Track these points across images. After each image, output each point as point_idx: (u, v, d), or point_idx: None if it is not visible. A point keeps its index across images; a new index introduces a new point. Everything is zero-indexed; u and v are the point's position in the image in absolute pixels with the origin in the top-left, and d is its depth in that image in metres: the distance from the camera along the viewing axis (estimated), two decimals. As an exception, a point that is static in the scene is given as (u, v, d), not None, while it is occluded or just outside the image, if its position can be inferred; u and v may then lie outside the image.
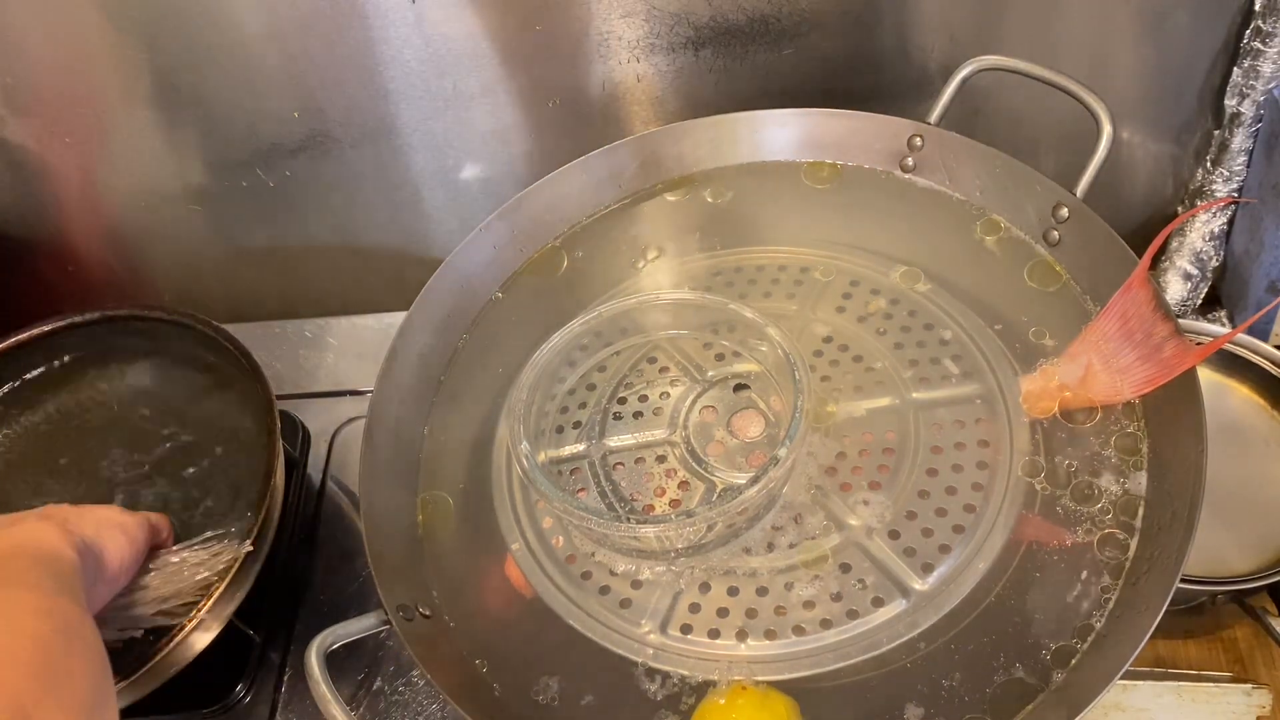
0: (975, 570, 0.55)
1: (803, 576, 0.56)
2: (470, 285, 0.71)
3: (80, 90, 0.78)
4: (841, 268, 0.68)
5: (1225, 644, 0.68)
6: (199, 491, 0.69)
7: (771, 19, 0.74)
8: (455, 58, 0.76)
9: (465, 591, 0.60)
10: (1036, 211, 0.66)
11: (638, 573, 0.58)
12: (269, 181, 0.84)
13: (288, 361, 0.88)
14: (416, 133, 0.81)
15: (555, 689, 0.55)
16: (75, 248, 0.89)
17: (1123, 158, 0.81)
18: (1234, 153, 0.77)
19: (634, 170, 0.75)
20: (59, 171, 0.83)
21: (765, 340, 0.59)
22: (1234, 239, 0.81)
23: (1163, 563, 0.52)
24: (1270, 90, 0.73)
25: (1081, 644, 0.52)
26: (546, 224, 0.74)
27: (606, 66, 0.77)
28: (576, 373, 0.64)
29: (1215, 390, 0.71)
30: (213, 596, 0.60)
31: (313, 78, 0.77)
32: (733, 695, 0.52)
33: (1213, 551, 0.64)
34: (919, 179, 0.72)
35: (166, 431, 0.72)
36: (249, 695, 0.70)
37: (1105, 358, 0.59)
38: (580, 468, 0.61)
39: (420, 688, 0.69)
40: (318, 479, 0.81)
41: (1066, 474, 0.57)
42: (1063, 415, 0.59)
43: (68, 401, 0.75)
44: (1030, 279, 0.65)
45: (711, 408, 0.61)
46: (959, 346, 0.63)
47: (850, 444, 0.59)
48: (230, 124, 0.80)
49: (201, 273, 0.91)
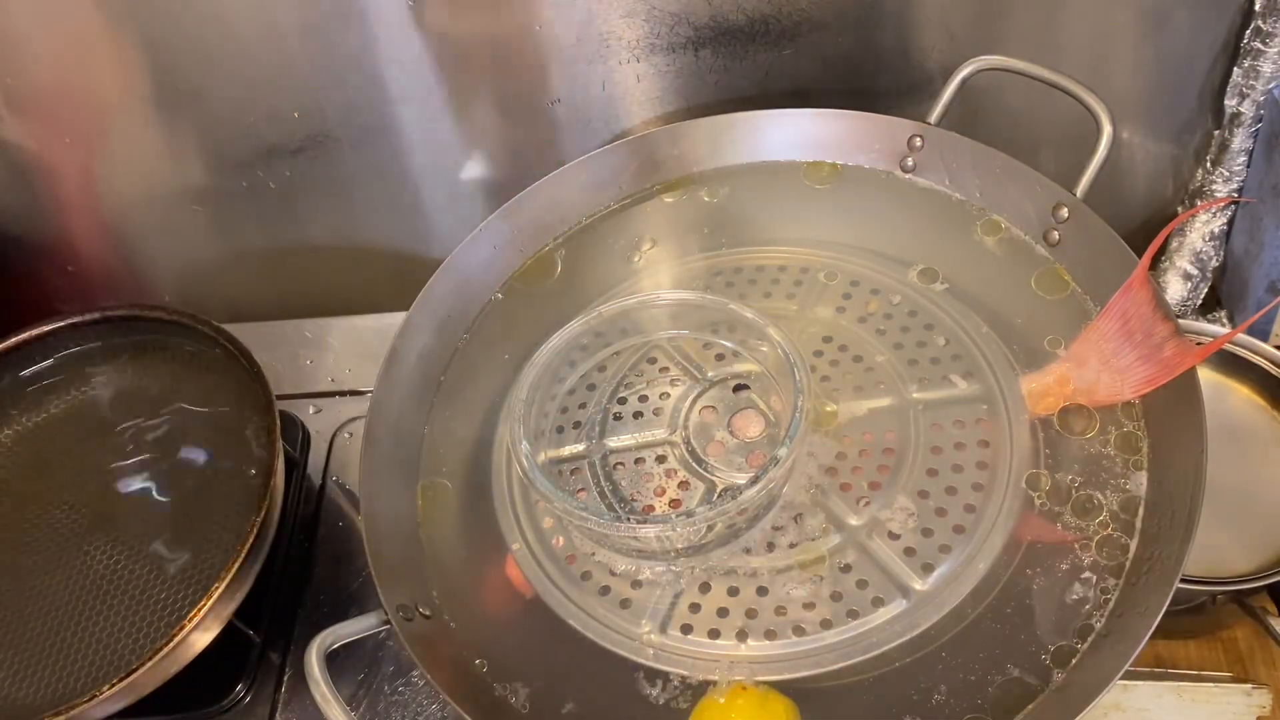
0: (975, 570, 0.55)
1: (803, 577, 0.56)
2: (470, 285, 0.71)
3: (80, 90, 0.78)
4: (841, 268, 0.68)
5: (1225, 644, 0.67)
6: (199, 492, 0.69)
7: (771, 19, 0.74)
8: (455, 58, 0.76)
9: (465, 591, 0.60)
10: (1036, 211, 0.66)
11: (638, 573, 0.58)
12: (269, 181, 0.84)
13: (288, 361, 0.88)
14: (416, 133, 0.81)
15: (555, 689, 0.55)
16: (75, 248, 0.89)
17: (1123, 158, 0.81)
18: (1234, 153, 0.77)
19: (634, 170, 0.75)
20: (59, 171, 0.83)
21: (765, 340, 0.59)
22: (1234, 239, 0.81)
23: (1163, 563, 0.52)
24: (1270, 90, 0.73)
25: (1081, 644, 0.52)
26: (546, 224, 0.74)
27: (606, 66, 0.77)
28: (576, 373, 0.64)
29: (1215, 390, 0.71)
30: (213, 596, 0.60)
31: (313, 78, 0.77)
32: (732, 695, 0.52)
33: (1213, 551, 0.64)
34: (919, 179, 0.72)
35: (166, 431, 0.72)
36: (249, 695, 0.70)
37: (1105, 358, 0.59)
38: (580, 468, 0.61)
39: (420, 688, 0.69)
40: (318, 479, 0.81)
41: (1066, 474, 0.57)
42: (1062, 416, 0.59)
43: (67, 401, 0.75)
44: (1039, 288, 0.65)
45: (711, 408, 0.61)
46: (959, 346, 0.63)
47: (850, 444, 0.59)
48: (230, 124, 0.80)
49: (201, 273, 0.91)
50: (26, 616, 0.65)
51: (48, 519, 0.70)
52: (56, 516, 0.70)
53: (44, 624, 0.65)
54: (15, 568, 0.68)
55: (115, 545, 0.68)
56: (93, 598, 0.66)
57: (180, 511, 0.68)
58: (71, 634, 0.64)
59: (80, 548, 0.68)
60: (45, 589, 0.66)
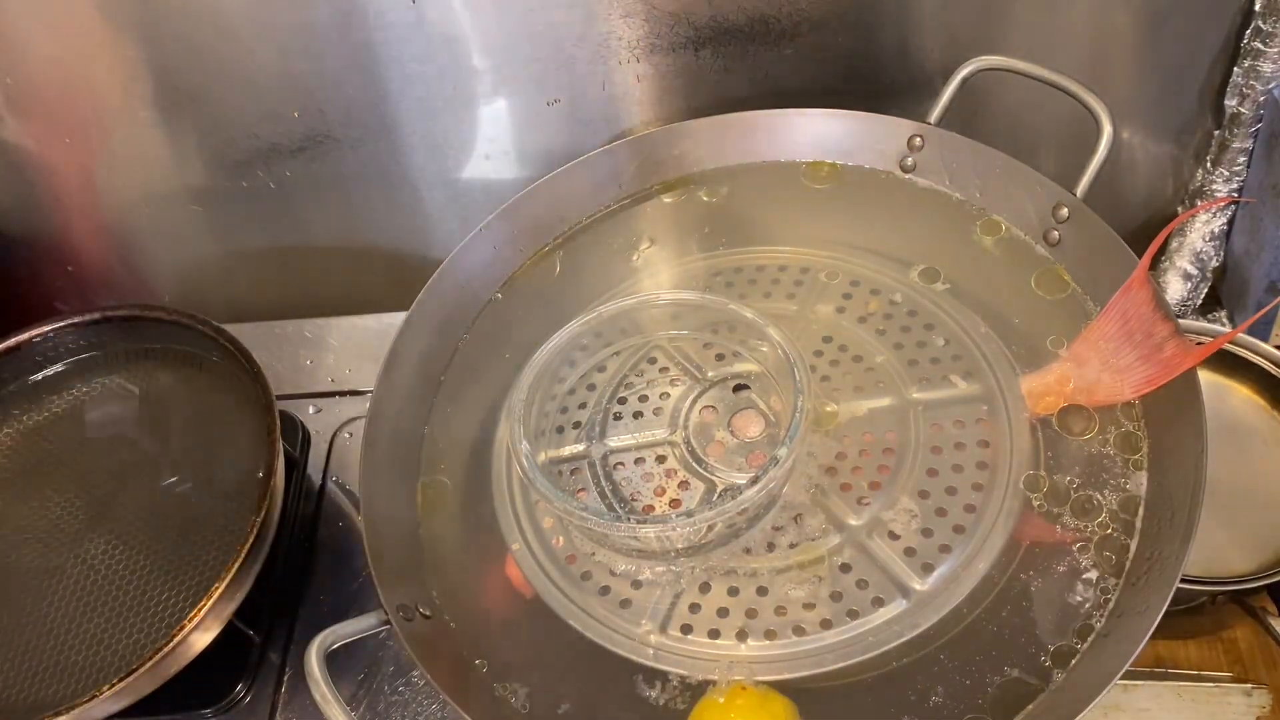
0: (975, 570, 0.55)
1: (803, 577, 0.56)
2: (470, 285, 0.71)
3: (80, 90, 0.78)
4: (841, 268, 0.68)
5: (1225, 644, 0.67)
6: (199, 492, 0.69)
7: (771, 19, 0.74)
8: (455, 58, 0.76)
9: (465, 591, 0.60)
10: (1036, 211, 0.66)
11: (638, 573, 0.58)
12: (269, 182, 0.84)
13: (288, 361, 0.88)
14: (416, 133, 0.81)
15: (555, 689, 0.55)
16: (75, 248, 0.89)
17: (1123, 158, 0.81)
18: (1234, 153, 0.77)
19: (634, 170, 0.75)
20: (59, 171, 0.83)
21: (765, 340, 0.59)
22: (1234, 239, 0.81)
23: (1163, 563, 0.52)
24: (1270, 90, 0.73)
25: (1081, 644, 0.52)
26: (546, 224, 0.74)
27: (606, 66, 0.77)
28: (576, 373, 0.64)
29: (1215, 390, 0.71)
30: (213, 596, 0.60)
31: (313, 78, 0.77)
32: (732, 695, 0.52)
33: (1213, 551, 0.64)
34: (919, 179, 0.72)
35: (166, 432, 0.72)
36: (249, 695, 0.70)
37: (1105, 358, 0.59)
38: (580, 468, 0.61)
39: (420, 688, 0.69)
40: (318, 479, 0.81)
41: (1066, 474, 0.57)
42: (1062, 416, 0.59)
43: (67, 401, 0.75)
44: (1038, 288, 0.65)
45: (711, 408, 0.61)
46: (959, 346, 0.63)
47: (850, 444, 0.59)
48: (230, 124, 0.80)
49: (201, 273, 0.91)
50: (26, 616, 0.65)
51: (48, 519, 0.70)
52: (56, 516, 0.70)
53: (44, 624, 0.65)
54: (15, 567, 0.68)
55: (115, 545, 0.68)
56: (93, 598, 0.66)
57: (180, 512, 0.68)
58: (71, 634, 0.64)
59: (80, 547, 0.68)
60: (45, 589, 0.66)
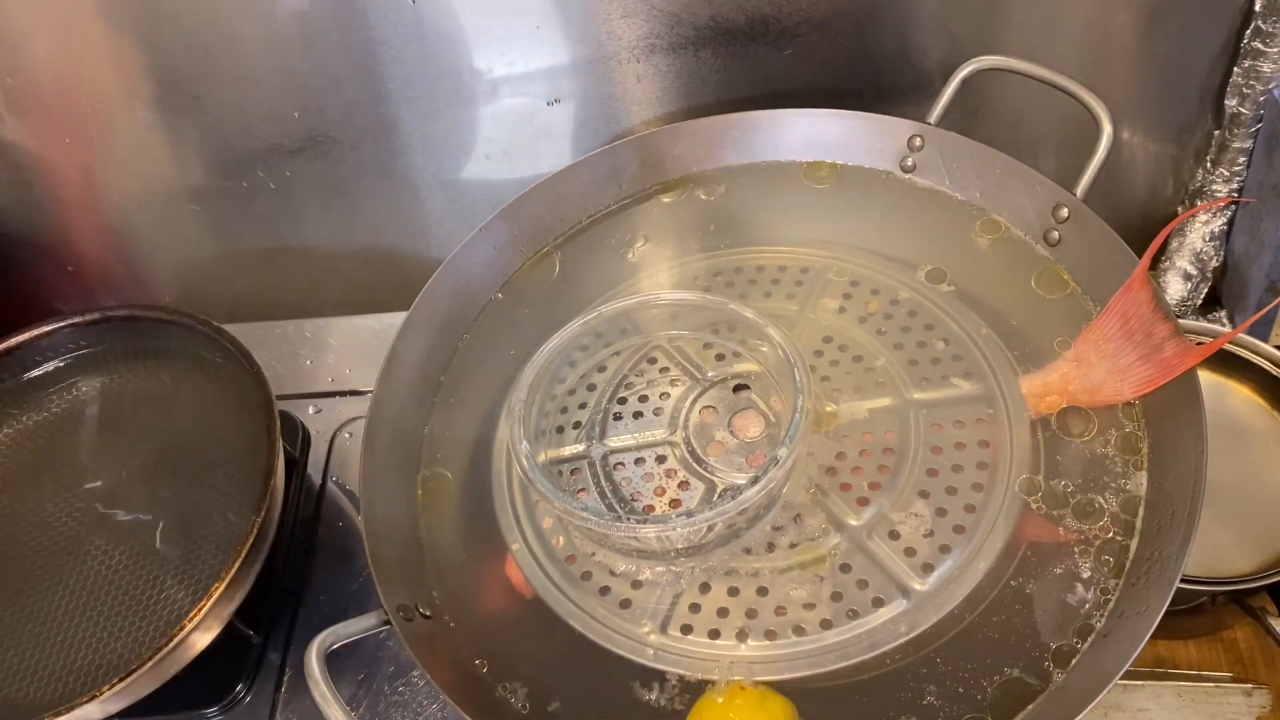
0: (975, 570, 0.55)
1: (803, 577, 0.56)
2: (470, 285, 0.71)
3: (80, 90, 0.78)
4: (841, 268, 0.68)
5: (1225, 644, 0.67)
6: (199, 492, 0.69)
7: (771, 19, 0.74)
8: (455, 58, 0.76)
9: (465, 591, 0.60)
10: (1036, 211, 0.66)
11: (638, 573, 0.58)
12: (269, 182, 0.84)
13: (288, 361, 0.88)
14: (416, 133, 0.81)
15: (555, 689, 0.55)
16: (75, 248, 0.89)
17: (1123, 158, 0.81)
18: (1234, 153, 0.77)
19: (634, 170, 0.75)
20: (59, 171, 0.83)
21: (765, 340, 0.59)
22: (1234, 239, 0.81)
23: (1163, 563, 0.52)
24: (1270, 90, 0.73)
25: (1081, 644, 0.52)
26: (546, 224, 0.74)
27: (606, 66, 0.77)
28: (576, 373, 0.64)
29: (1215, 390, 0.71)
30: (213, 596, 0.60)
31: (313, 78, 0.77)
32: (731, 695, 0.52)
33: (1213, 551, 0.64)
34: (919, 179, 0.72)
35: (166, 431, 0.72)
36: (249, 695, 0.70)
37: (1105, 358, 0.59)
38: (580, 468, 0.61)
39: (420, 688, 0.69)
40: (318, 479, 0.81)
41: (1067, 474, 0.57)
42: (1062, 416, 0.59)
43: (68, 401, 0.75)
44: (1039, 287, 0.65)
45: (711, 408, 0.61)
46: (959, 346, 0.63)
47: (850, 444, 0.59)
48: (230, 124, 0.80)
49: (201, 273, 0.91)
50: (26, 616, 0.65)
51: (47, 519, 0.70)
52: (56, 516, 0.70)
53: (44, 624, 0.65)
54: (15, 567, 0.68)
55: (115, 545, 0.68)
56: (93, 598, 0.66)
57: (180, 512, 0.68)
58: (71, 634, 0.64)
59: (80, 548, 0.68)
60: (45, 589, 0.66)
